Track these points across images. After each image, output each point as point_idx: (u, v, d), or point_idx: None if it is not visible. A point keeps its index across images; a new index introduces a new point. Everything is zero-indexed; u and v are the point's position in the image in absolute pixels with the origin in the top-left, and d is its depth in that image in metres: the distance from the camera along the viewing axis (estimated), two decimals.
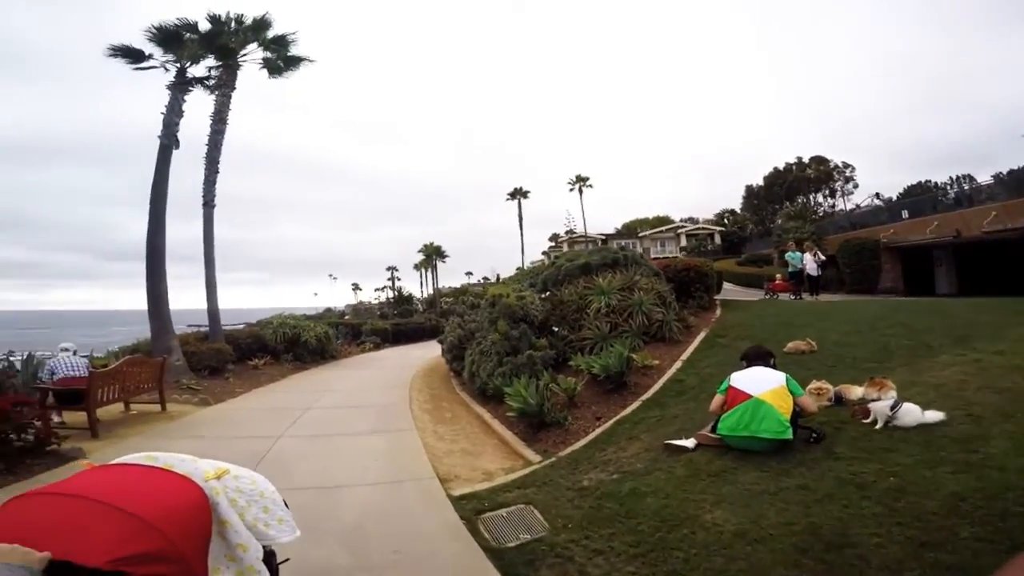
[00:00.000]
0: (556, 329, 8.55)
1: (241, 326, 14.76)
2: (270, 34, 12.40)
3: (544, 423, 6.05)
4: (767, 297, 15.69)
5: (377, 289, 73.26)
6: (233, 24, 11.79)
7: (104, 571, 1.22)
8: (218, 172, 12.38)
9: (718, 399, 4.15)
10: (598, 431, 5.69)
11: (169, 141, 10.73)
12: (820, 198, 49.18)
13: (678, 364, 7.29)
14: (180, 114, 11.03)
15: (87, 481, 1.60)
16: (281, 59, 12.86)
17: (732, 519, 3.05)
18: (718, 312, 10.75)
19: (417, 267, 63.12)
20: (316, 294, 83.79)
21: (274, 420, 6.98)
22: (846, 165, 48.38)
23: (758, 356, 4.40)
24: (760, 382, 3.98)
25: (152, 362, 7.33)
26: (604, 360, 6.75)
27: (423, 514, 3.92)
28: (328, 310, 55.85)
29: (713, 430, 4.16)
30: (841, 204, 47.06)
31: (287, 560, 1.94)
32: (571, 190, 47.27)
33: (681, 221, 53.57)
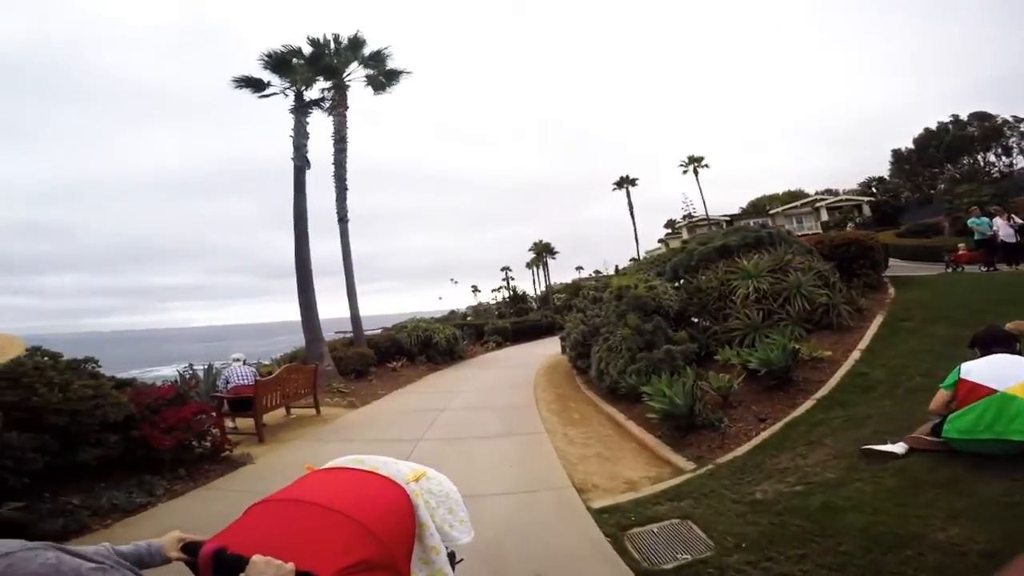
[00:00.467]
0: (696, 320, 7.72)
1: (379, 331, 15.87)
2: (366, 51, 12.91)
3: (693, 425, 5.37)
4: (949, 271, 13.34)
5: (494, 290, 75.49)
6: (332, 44, 12.46)
7: None
8: (347, 188, 13.19)
9: (943, 395, 3.36)
10: (764, 435, 4.90)
11: (301, 163, 11.66)
12: (991, 157, 40.75)
13: (855, 355, 6.12)
14: (306, 136, 11.89)
15: (313, 486, 1.60)
16: (381, 74, 13.36)
17: (977, 537, 2.40)
18: (891, 291, 8.99)
19: (529, 265, 63.95)
20: (440, 298, 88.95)
21: (413, 422, 7.17)
22: (1017, 120, 39.24)
23: (996, 340, 3.42)
24: (1005, 373, 3.11)
25: (307, 369, 7.96)
26: (764, 353, 5.85)
27: (563, 529, 3.57)
28: (452, 312, 58.72)
29: (935, 432, 3.36)
30: (1021, 162, 38.61)
31: (462, 560, 1.89)
32: (684, 172, 44.16)
33: (818, 194, 47.07)
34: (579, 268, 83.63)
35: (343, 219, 13.19)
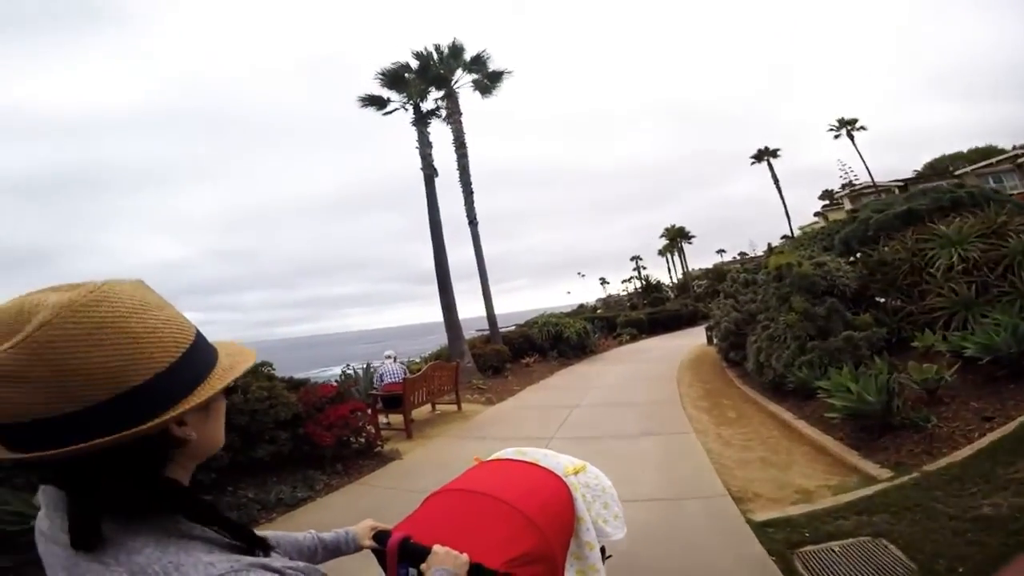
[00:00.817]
0: (882, 300, 6.37)
1: (512, 327, 16.20)
2: (467, 56, 13.20)
3: (889, 426, 4.34)
4: None
5: (624, 280, 73.36)
6: (435, 55, 12.93)
7: (499, 573, 1.18)
8: (472, 192, 13.54)
9: None
10: (990, 437, 3.78)
11: (429, 171, 12.37)
12: None
13: None
14: (429, 146, 12.58)
15: (483, 476, 1.62)
16: (485, 77, 13.52)
17: None
18: None
19: (661, 252, 60.67)
20: (568, 292, 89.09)
21: (546, 419, 7.03)
22: None
23: None
24: None
25: (449, 366, 8.28)
26: (986, 336, 4.54)
27: (715, 544, 3.07)
28: (581, 306, 58.30)
29: None
30: None
31: (610, 556, 1.82)
32: (836, 137, 37.75)
33: (1016, 148, 36.57)
34: (720, 251, 76.94)
35: (472, 222, 13.53)
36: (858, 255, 7.20)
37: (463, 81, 13.54)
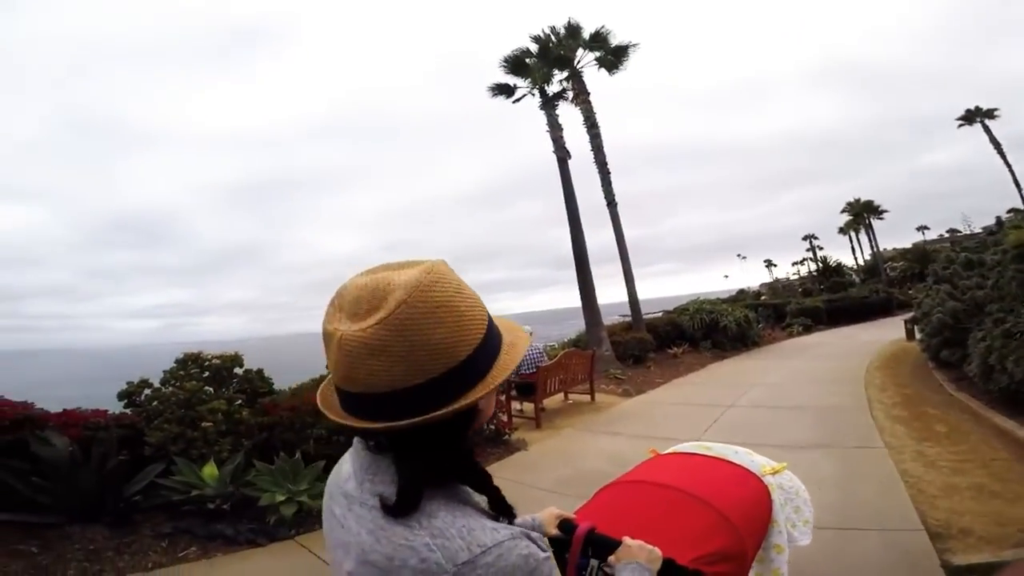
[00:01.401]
0: None
1: (659, 313, 15.21)
2: (585, 35, 12.64)
3: None
4: None
5: (795, 263, 64.53)
6: (552, 37, 12.52)
7: (690, 570, 1.14)
8: (609, 172, 13.07)
9: None
10: None
11: (562, 154, 12.12)
12: None
13: None
14: (559, 128, 12.30)
15: (664, 470, 1.56)
16: (609, 53, 12.79)
17: None
18: None
19: (843, 230, 51.72)
20: (726, 276, 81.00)
21: (691, 418, 6.32)
22: None
23: None
24: None
25: (584, 354, 7.98)
26: None
27: None
28: (741, 291, 52.85)
29: None
30: None
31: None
32: None
33: None
34: (922, 229, 62.93)
35: (611, 203, 13.09)
36: None
37: (586, 60, 13.10)
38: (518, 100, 13.23)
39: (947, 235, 59.67)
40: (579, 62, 12.99)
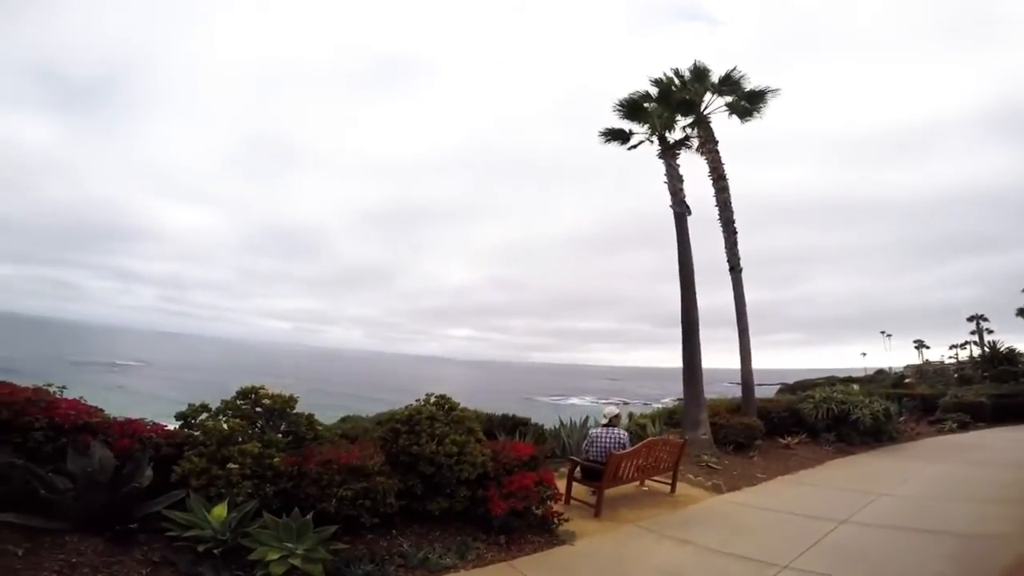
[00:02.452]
0: None
1: (776, 386, 13.40)
2: (714, 78, 11.55)
3: None
4: None
5: (953, 346, 55.41)
6: (675, 80, 11.60)
7: None
8: (736, 232, 11.74)
9: None
10: None
11: (681, 208, 11.00)
12: None
13: None
14: (680, 179, 11.21)
15: None
16: (742, 98, 11.65)
17: None
18: None
19: (1022, 312, 43.09)
20: (864, 354, 71.80)
21: (785, 533, 5.25)
22: None
23: None
24: None
25: (672, 443, 7.09)
26: None
27: None
28: (880, 372, 45.96)
29: None
30: None
31: None
32: None
33: None
34: None
35: (735, 268, 11.64)
36: None
37: (714, 106, 11.95)
38: (634, 147, 12.24)
39: None
40: (706, 107, 11.90)
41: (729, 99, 11.86)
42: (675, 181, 11.17)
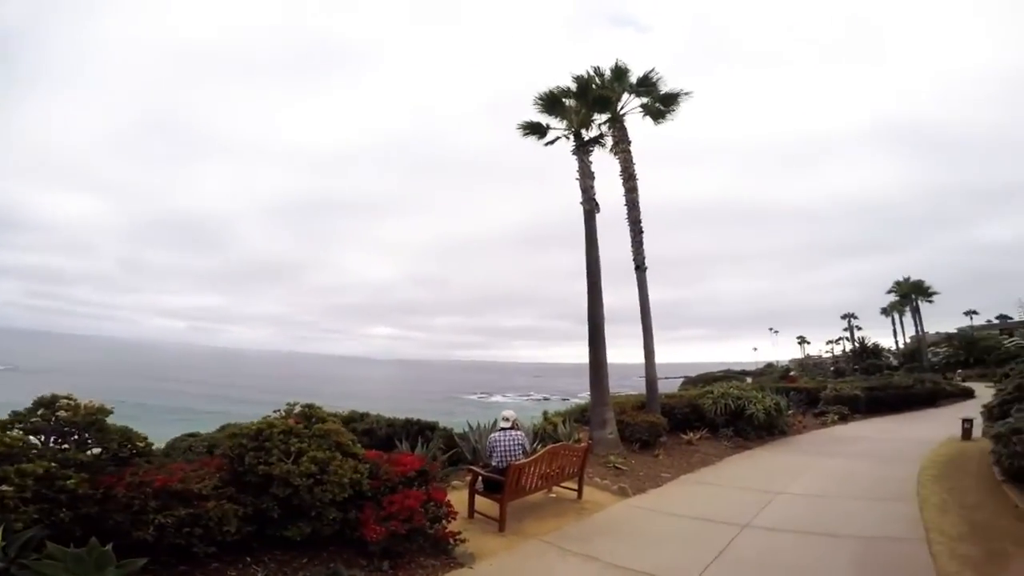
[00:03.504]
0: None
1: (680, 379, 13.64)
2: (632, 79, 11.67)
3: None
4: None
5: (829, 341, 62.35)
6: (596, 78, 11.61)
7: None
8: (642, 232, 11.81)
9: None
10: None
11: (590, 206, 10.78)
12: None
13: None
14: (591, 176, 11.04)
15: None
16: (657, 100, 11.85)
17: None
18: None
19: (886, 311, 49.60)
20: (755, 349, 79.10)
21: (691, 542, 4.96)
22: None
23: None
24: None
25: (575, 449, 6.59)
26: None
27: None
28: (769, 365, 50.53)
29: None
30: None
31: None
32: None
33: None
34: (971, 314, 59.94)
35: (640, 267, 11.71)
36: None
37: (630, 106, 12.03)
38: (551, 143, 11.90)
39: (996, 321, 56.45)
40: (623, 108, 11.93)
41: (645, 100, 12.00)
42: (586, 178, 11.00)
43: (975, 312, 58.33)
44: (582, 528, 5.46)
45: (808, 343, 65.08)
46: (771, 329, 78.42)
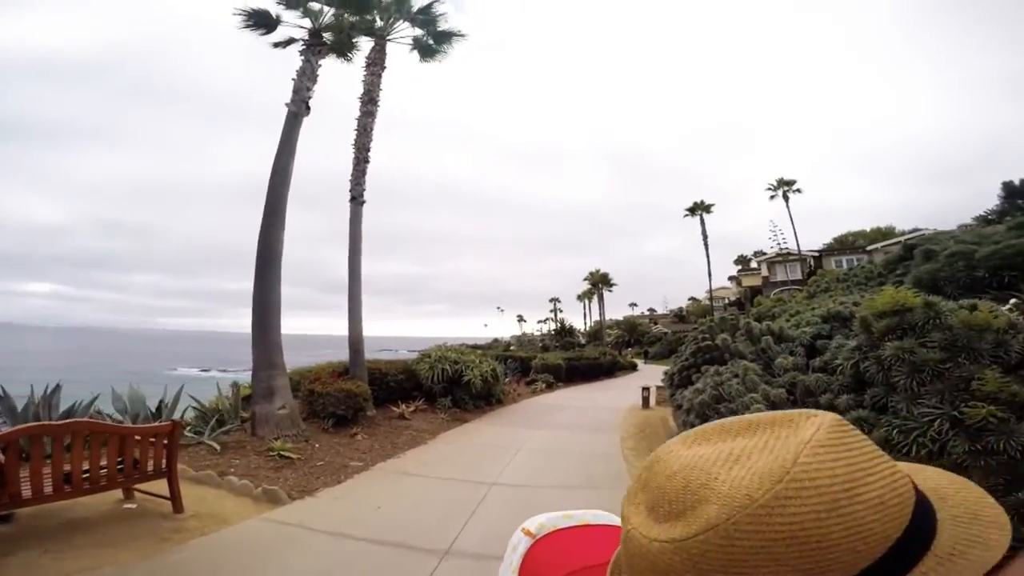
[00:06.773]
0: None
1: (415, 354, 11.70)
2: (413, 5, 10.18)
3: None
4: None
5: (540, 321, 72.41)
6: None
7: None
8: (368, 161, 9.80)
9: None
10: None
11: (298, 108, 8.10)
12: None
13: None
14: (313, 79, 8.54)
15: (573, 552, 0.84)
16: (430, 35, 10.47)
17: None
18: None
19: (580, 297, 59.92)
20: (486, 325, 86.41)
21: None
22: None
23: None
24: None
25: (140, 429, 3.71)
26: None
27: None
28: (495, 340, 55.24)
29: None
30: None
31: None
32: (772, 198, 38.42)
33: (912, 232, 38.70)
34: (633, 305, 78.79)
35: (357, 199, 9.62)
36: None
37: (400, 33, 10.38)
38: (282, 44, 9.28)
39: (647, 313, 76.48)
40: (391, 33, 10.28)
41: (419, 32, 10.46)
42: (306, 79, 8.43)
43: (635, 304, 78.21)
44: (150, 570, 2.76)
45: (525, 321, 74.56)
46: (499, 308, 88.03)
